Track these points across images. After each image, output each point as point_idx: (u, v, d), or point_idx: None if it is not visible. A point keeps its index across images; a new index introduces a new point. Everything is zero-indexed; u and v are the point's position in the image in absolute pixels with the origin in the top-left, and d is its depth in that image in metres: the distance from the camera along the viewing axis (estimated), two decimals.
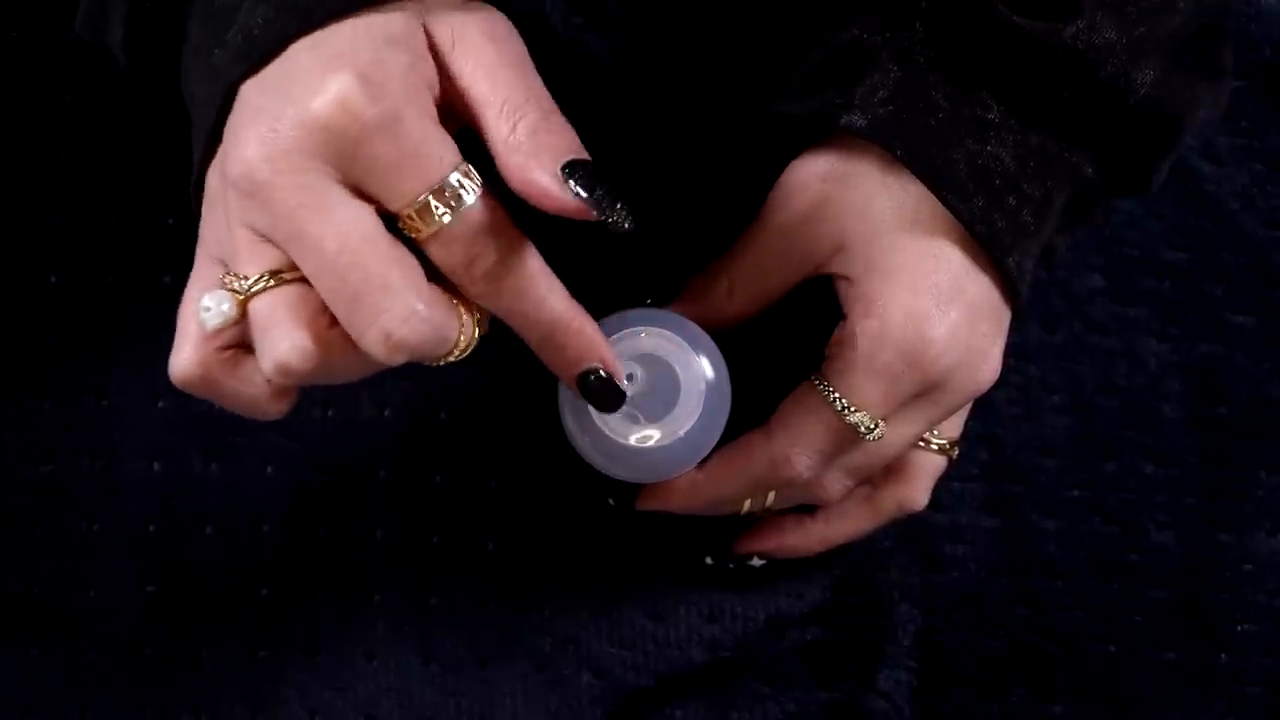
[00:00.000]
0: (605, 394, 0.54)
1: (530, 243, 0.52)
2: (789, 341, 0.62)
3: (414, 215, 0.49)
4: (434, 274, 0.51)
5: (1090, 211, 0.59)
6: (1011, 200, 0.55)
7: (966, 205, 0.55)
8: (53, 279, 0.64)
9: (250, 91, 0.51)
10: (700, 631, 0.63)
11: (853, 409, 0.56)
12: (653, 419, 0.55)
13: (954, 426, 0.60)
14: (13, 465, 0.64)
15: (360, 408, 0.63)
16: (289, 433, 0.63)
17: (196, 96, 0.53)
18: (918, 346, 0.55)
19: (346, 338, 0.50)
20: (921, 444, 0.59)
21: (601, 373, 0.54)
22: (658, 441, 0.55)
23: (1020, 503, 0.63)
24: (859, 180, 0.56)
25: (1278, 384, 0.64)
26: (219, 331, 0.51)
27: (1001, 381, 0.63)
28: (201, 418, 0.63)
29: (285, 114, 0.49)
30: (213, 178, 0.52)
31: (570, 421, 0.56)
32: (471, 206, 0.50)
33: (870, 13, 0.57)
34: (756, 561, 0.63)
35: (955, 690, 0.63)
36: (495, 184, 0.51)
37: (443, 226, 0.50)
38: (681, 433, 0.55)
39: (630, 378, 0.55)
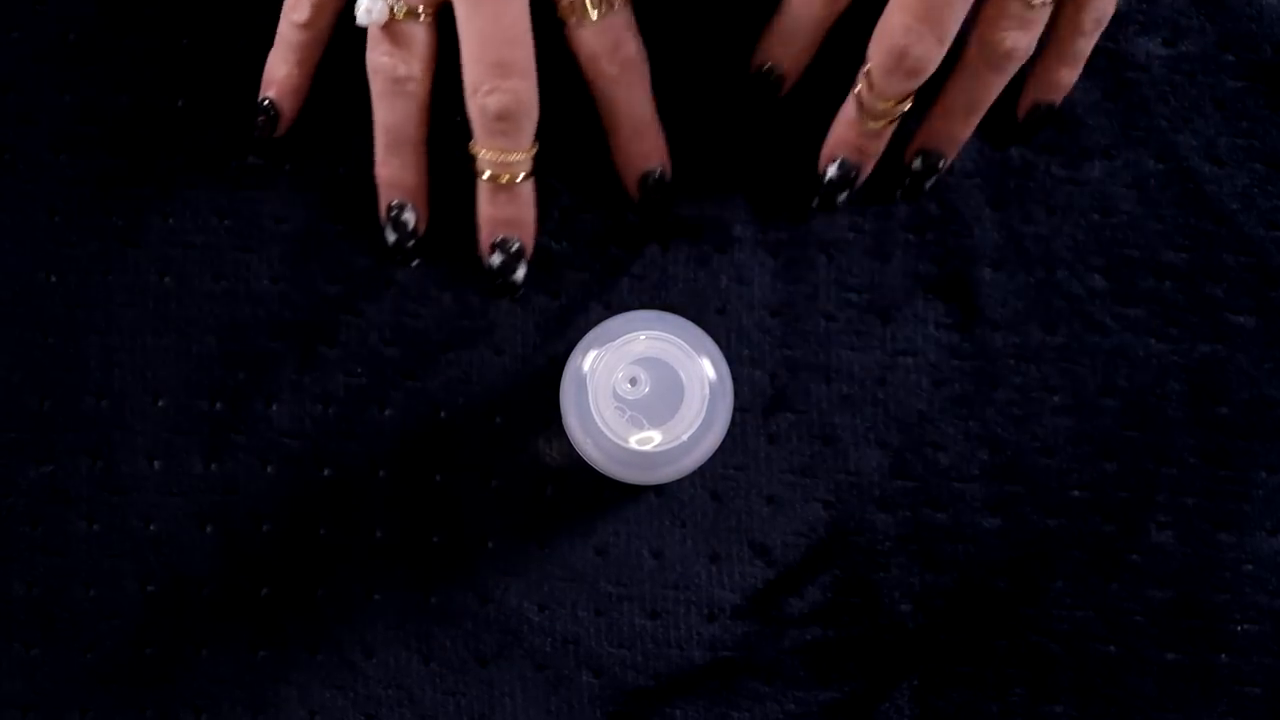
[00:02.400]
0: (661, 194, 0.62)
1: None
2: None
3: (572, 7, 0.59)
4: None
5: None
6: None
7: None
8: (53, 279, 0.64)
9: None
10: (700, 631, 0.63)
11: None
12: (655, 422, 0.55)
13: None
14: (13, 465, 0.64)
15: (360, 407, 0.63)
16: (289, 432, 0.63)
17: None
18: None
19: (427, 90, 0.61)
20: None
21: (660, 175, 0.62)
22: (660, 444, 0.55)
23: (1021, 503, 0.63)
24: None
25: (1278, 384, 0.64)
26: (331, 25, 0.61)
27: (1002, 382, 0.63)
28: (201, 418, 0.63)
29: None
30: None
31: (572, 422, 0.56)
32: (622, 8, 0.60)
33: None
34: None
35: (955, 690, 0.63)
36: None
37: (592, 20, 0.59)
38: (684, 436, 0.55)
39: (633, 381, 0.55)
